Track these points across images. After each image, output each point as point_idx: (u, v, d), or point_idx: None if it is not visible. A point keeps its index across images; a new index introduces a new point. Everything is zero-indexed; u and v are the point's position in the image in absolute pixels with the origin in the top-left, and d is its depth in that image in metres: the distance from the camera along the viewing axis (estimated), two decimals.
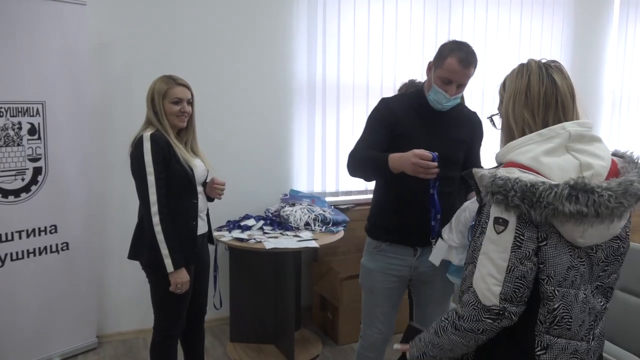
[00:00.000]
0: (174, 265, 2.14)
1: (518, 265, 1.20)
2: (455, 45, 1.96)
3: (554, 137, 1.23)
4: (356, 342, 3.36)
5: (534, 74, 1.30)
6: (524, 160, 1.23)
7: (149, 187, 2.12)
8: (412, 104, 2.10)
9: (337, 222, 3.34)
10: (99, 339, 3.31)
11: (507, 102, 1.33)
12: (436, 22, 4.00)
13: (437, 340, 1.33)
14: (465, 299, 1.27)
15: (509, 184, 1.17)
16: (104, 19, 3.19)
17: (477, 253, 1.26)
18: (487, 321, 1.23)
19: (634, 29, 4.79)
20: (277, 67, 3.62)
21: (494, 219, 1.22)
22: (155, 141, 2.15)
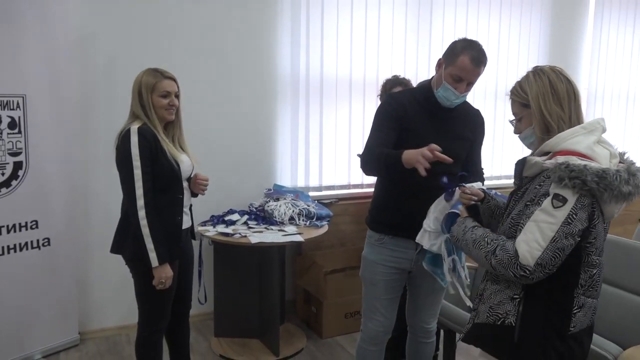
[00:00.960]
0: (159, 259, 2.12)
1: (562, 239, 1.39)
2: (467, 44, 1.98)
3: (595, 131, 1.48)
4: (340, 335, 3.44)
5: (550, 75, 1.54)
6: (581, 149, 1.43)
7: (135, 181, 2.10)
8: (418, 100, 2.12)
9: (321, 217, 3.36)
10: (81, 336, 3.27)
11: (537, 101, 1.53)
12: (418, 17, 4.04)
13: (470, 245, 1.57)
14: (507, 246, 1.46)
15: (584, 170, 1.37)
16: (85, 11, 3.14)
17: (525, 220, 1.44)
18: (511, 273, 1.43)
19: (608, 29, 4.93)
20: (260, 62, 3.61)
21: (554, 195, 1.40)
22: (143, 135, 2.13)
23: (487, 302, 1.57)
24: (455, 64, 1.97)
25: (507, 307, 1.51)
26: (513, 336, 1.49)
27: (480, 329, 1.58)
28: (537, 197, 1.45)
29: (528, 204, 1.47)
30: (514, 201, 1.57)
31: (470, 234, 1.59)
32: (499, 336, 1.52)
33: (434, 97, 2.08)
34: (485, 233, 1.55)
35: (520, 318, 1.49)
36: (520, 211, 1.50)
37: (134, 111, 2.23)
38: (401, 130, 2.07)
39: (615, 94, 5.09)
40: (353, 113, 3.89)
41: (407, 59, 4.04)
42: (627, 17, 5.01)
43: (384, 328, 2.23)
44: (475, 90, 4.24)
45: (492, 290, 1.57)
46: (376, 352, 2.28)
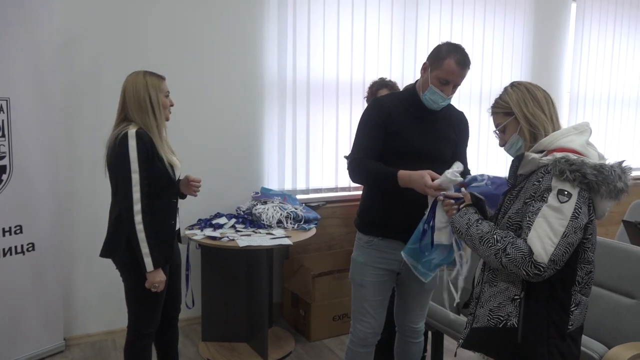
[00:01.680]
0: (154, 264, 2.12)
1: (572, 233, 1.41)
2: (452, 47, 2.02)
3: (585, 132, 1.56)
4: (328, 338, 3.44)
5: (527, 85, 1.62)
6: (576, 146, 1.50)
7: (132, 185, 2.09)
8: (403, 103, 2.15)
9: (309, 220, 3.36)
10: (67, 342, 3.23)
11: (521, 108, 1.59)
12: (404, 20, 4.08)
13: (476, 242, 1.54)
14: (519, 243, 1.45)
15: (584, 164, 1.41)
16: (70, 13, 3.11)
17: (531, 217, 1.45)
18: (523, 272, 1.42)
19: (589, 34, 5.02)
20: (247, 64, 3.61)
21: (559, 191, 1.43)
22: (141, 138, 2.11)
23: (486, 306, 1.56)
24: (441, 68, 2.01)
25: (508, 308, 1.51)
26: (516, 337, 1.48)
27: (481, 333, 1.56)
28: (537, 193, 1.46)
29: (528, 201, 1.49)
30: (509, 200, 1.58)
31: (475, 229, 1.56)
32: (502, 339, 1.51)
33: (418, 100, 2.12)
34: (492, 229, 1.53)
35: (523, 319, 1.48)
36: (518, 210, 1.51)
37: (129, 114, 2.18)
38: (387, 133, 2.10)
39: (597, 98, 5.19)
40: (340, 115, 3.90)
41: (393, 62, 4.07)
42: (607, 23, 5.11)
43: (373, 330, 2.24)
44: (460, 94, 4.34)
45: (491, 293, 1.56)
46: (366, 354, 2.29)
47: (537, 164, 1.51)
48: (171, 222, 2.27)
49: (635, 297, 2.22)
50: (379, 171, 2.04)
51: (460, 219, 1.64)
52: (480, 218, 1.61)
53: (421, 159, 2.04)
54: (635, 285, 2.23)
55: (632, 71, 5.37)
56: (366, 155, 2.10)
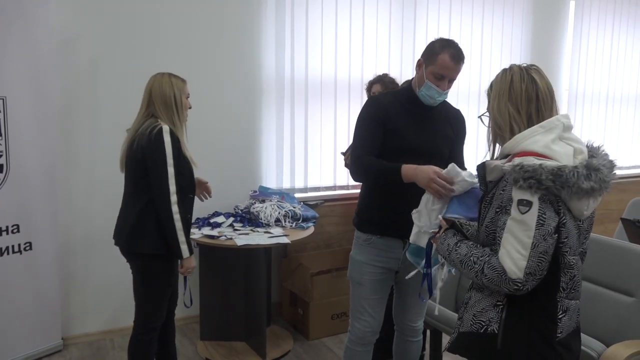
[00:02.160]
0: (190, 251, 2.28)
1: (541, 242, 1.36)
2: (445, 43, 2.05)
3: (554, 129, 1.44)
4: (326, 336, 3.43)
5: (515, 74, 1.50)
6: (537, 148, 1.41)
7: (169, 178, 2.21)
8: (400, 100, 2.16)
9: (307, 218, 3.36)
10: (65, 341, 3.23)
11: (493, 100, 1.51)
12: (402, 18, 4.07)
13: (459, 266, 1.52)
14: (493, 263, 1.41)
15: (539, 169, 1.34)
16: (68, 12, 3.10)
17: (500, 232, 1.41)
18: (505, 289, 1.39)
19: (588, 32, 5.01)
20: (245, 63, 3.60)
21: (518, 201, 1.37)
22: (173, 135, 2.25)
23: (471, 310, 1.54)
24: (436, 63, 2.03)
25: (489, 314, 1.48)
26: (495, 344, 1.45)
27: (465, 337, 1.54)
28: (503, 203, 1.42)
29: (497, 210, 1.44)
30: (484, 207, 1.53)
31: (455, 254, 1.52)
32: (483, 344, 1.48)
33: (415, 97, 2.12)
34: (469, 251, 1.49)
35: (503, 325, 1.45)
36: (492, 218, 1.46)
37: (155, 112, 2.29)
38: (385, 131, 2.11)
39: (596, 94, 5.18)
40: (338, 114, 3.90)
41: (392, 60, 4.06)
42: (605, 21, 5.10)
43: (372, 328, 2.24)
44: (458, 91, 4.32)
45: (477, 298, 1.54)
46: (364, 353, 2.29)
47: (500, 171, 1.45)
48: (188, 215, 2.40)
49: (633, 295, 2.22)
50: (380, 166, 2.05)
51: (442, 245, 1.59)
52: (459, 240, 1.55)
53: (419, 156, 2.04)
54: (634, 283, 2.23)
55: (631, 69, 5.37)
56: (366, 153, 2.10)
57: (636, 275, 2.22)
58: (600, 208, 2.45)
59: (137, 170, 2.27)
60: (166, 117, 2.28)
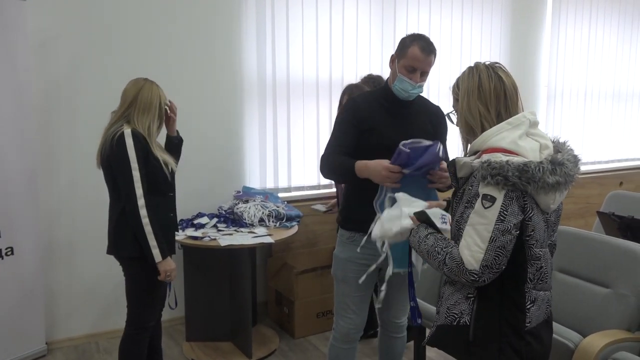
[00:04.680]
0: (162, 254, 2.24)
1: (499, 237, 1.40)
2: (415, 36, 2.11)
3: (520, 125, 1.47)
4: (312, 335, 3.45)
5: (483, 73, 1.54)
6: (505, 145, 1.45)
7: (134, 182, 2.20)
8: (378, 99, 2.20)
9: (291, 218, 3.37)
10: (49, 346, 3.20)
11: (462, 100, 1.55)
12: (382, 17, 4.10)
13: (426, 257, 1.55)
14: (454, 253, 1.46)
15: (505, 166, 1.38)
16: (45, 14, 3.07)
17: (463, 225, 1.46)
18: (463, 279, 1.44)
19: (565, 29, 5.10)
20: (226, 64, 3.60)
21: (483, 196, 1.41)
22: (136, 137, 2.22)
23: (445, 303, 1.57)
24: (406, 56, 2.08)
25: (462, 306, 1.51)
26: (468, 335, 1.49)
27: (440, 330, 1.57)
28: (470, 198, 1.46)
29: (466, 205, 1.48)
30: (455, 203, 1.56)
31: (424, 246, 1.55)
32: (456, 336, 1.52)
33: (392, 95, 2.17)
34: (435, 242, 1.52)
35: (475, 317, 1.49)
36: (462, 213, 1.49)
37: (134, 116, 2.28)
38: (362, 131, 2.15)
39: (574, 90, 5.26)
40: (320, 113, 3.92)
41: (372, 59, 4.08)
42: (583, 16, 5.19)
43: (356, 325, 2.26)
44: (439, 88, 4.36)
45: (450, 292, 1.57)
46: (349, 350, 2.31)
47: (470, 167, 1.49)
48: (170, 215, 2.40)
49: (609, 287, 2.27)
50: (341, 164, 2.11)
51: (414, 238, 1.62)
52: (430, 232, 1.57)
53: None
54: (609, 274, 2.28)
55: (608, 65, 5.46)
56: (334, 151, 2.15)
57: (612, 267, 2.27)
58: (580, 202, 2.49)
59: (108, 176, 2.29)
60: (140, 121, 2.27)
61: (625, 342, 2.09)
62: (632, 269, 2.21)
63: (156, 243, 2.22)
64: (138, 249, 2.24)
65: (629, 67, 5.63)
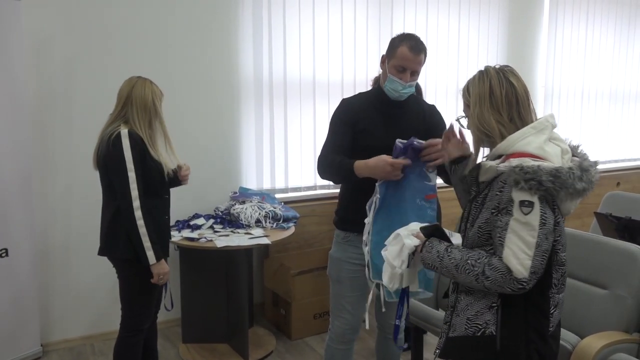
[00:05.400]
0: (156, 257, 2.21)
1: (544, 241, 1.40)
2: (404, 36, 2.10)
3: (544, 130, 1.47)
4: (309, 336, 3.44)
5: (493, 78, 1.52)
6: (532, 150, 1.44)
7: (130, 183, 2.17)
8: (371, 101, 2.20)
9: (288, 219, 3.36)
10: (44, 348, 3.19)
11: (474, 107, 1.52)
12: (379, 18, 4.09)
13: (453, 271, 1.49)
14: (495, 264, 1.42)
15: (538, 171, 1.37)
16: (40, 14, 3.06)
17: (501, 232, 1.42)
18: (508, 289, 1.40)
19: (562, 29, 5.10)
20: (223, 64, 3.59)
21: (520, 202, 1.39)
22: (133, 138, 2.20)
23: (463, 314, 1.53)
24: (395, 56, 2.08)
25: (485, 317, 1.48)
26: (495, 345, 1.46)
27: (458, 342, 1.54)
28: (501, 204, 1.43)
29: (493, 211, 1.45)
30: (475, 208, 1.53)
31: (448, 260, 1.50)
32: (481, 347, 1.49)
33: (384, 95, 2.16)
34: (463, 255, 1.48)
35: (501, 326, 1.46)
36: (487, 219, 1.46)
37: (127, 115, 2.26)
38: (355, 132, 2.15)
39: (571, 91, 5.27)
40: (317, 114, 3.90)
41: (370, 60, 4.07)
42: (580, 16, 5.19)
43: (351, 326, 2.25)
44: (436, 88, 4.35)
45: (468, 302, 1.53)
46: (345, 351, 2.30)
47: (495, 171, 1.47)
48: (165, 217, 2.39)
49: (607, 288, 2.27)
50: (339, 164, 2.08)
51: (429, 254, 1.55)
52: (448, 245, 1.54)
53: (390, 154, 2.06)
54: (607, 276, 2.27)
55: (605, 65, 5.47)
56: (330, 151, 2.14)
57: (609, 268, 2.27)
58: None
59: (104, 177, 2.27)
60: (141, 121, 2.25)
61: (622, 343, 2.09)
62: (630, 270, 2.21)
63: (150, 245, 2.20)
64: (131, 251, 2.21)
65: (625, 68, 5.63)
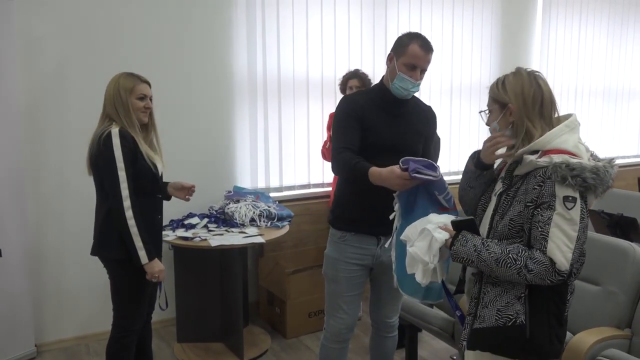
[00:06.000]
0: (149, 256, 2.19)
1: (582, 235, 1.50)
2: (413, 34, 2.11)
3: (575, 128, 1.57)
4: (304, 335, 3.45)
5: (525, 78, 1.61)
6: (569, 147, 1.53)
7: (120, 182, 2.15)
8: (373, 99, 2.18)
9: (282, 217, 3.36)
10: (38, 348, 3.18)
11: (513, 102, 1.59)
12: (373, 15, 4.09)
13: (493, 265, 1.54)
14: (538, 257, 1.49)
15: (583, 168, 1.46)
16: (33, 13, 3.04)
17: (543, 227, 1.48)
18: (548, 281, 1.49)
19: (555, 29, 5.12)
20: (216, 62, 3.58)
21: (564, 198, 1.47)
22: (124, 137, 2.18)
23: (492, 306, 1.59)
24: (406, 54, 2.08)
25: (516, 307, 1.54)
26: (525, 333, 1.53)
27: (488, 333, 1.59)
28: (541, 199, 1.49)
29: (529, 205, 1.51)
30: (506, 201, 1.59)
31: (487, 254, 1.54)
32: (511, 336, 1.55)
33: (389, 95, 2.15)
34: (503, 249, 1.53)
35: (529, 315, 1.54)
36: (520, 212, 1.53)
37: (109, 114, 2.25)
38: (361, 130, 2.13)
39: (564, 89, 5.29)
40: (311, 112, 3.91)
41: (364, 57, 4.08)
42: (573, 14, 5.21)
43: (347, 325, 2.26)
44: (431, 87, 4.36)
45: (496, 293, 1.59)
46: (340, 350, 2.30)
47: (534, 165, 1.53)
48: (158, 217, 2.38)
49: (599, 284, 2.28)
50: (355, 167, 2.02)
51: (464, 247, 1.58)
52: (484, 240, 1.59)
53: (393, 153, 2.05)
54: (599, 272, 2.29)
55: (599, 64, 5.50)
56: (345, 147, 2.10)
57: (601, 265, 2.28)
58: None
59: (96, 177, 2.26)
60: (118, 118, 2.22)
61: (614, 339, 2.11)
62: (621, 267, 2.23)
63: (142, 245, 2.18)
64: (123, 251, 2.19)
65: (618, 67, 5.67)
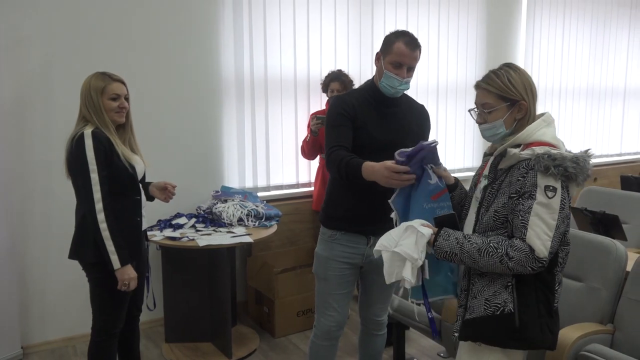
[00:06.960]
0: (121, 261, 2.14)
1: (562, 224, 1.54)
2: (399, 32, 2.12)
3: (551, 123, 1.65)
4: (293, 334, 3.46)
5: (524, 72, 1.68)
6: (549, 139, 1.59)
7: (92, 185, 2.11)
8: (365, 98, 2.19)
9: (270, 217, 3.37)
10: (24, 350, 3.15)
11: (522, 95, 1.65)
12: (360, 16, 4.11)
13: (476, 255, 1.57)
14: (518, 245, 1.53)
15: (564, 158, 1.51)
16: (18, 13, 3.02)
17: (524, 215, 1.52)
18: (529, 268, 1.52)
19: (540, 28, 5.19)
20: (203, 62, 3.58)
21: (545, 187, 1.52)
22: (97, 138, 2.14)
23: (480, 296, 1.62)
24: (392, 52, 2.09)
25: (503, 296, 1.58)
26: (514, 322, 1.56)
27: (479, 322, 1.61)
28: (523, 189, 1.54)
29: (513, 196, 1.56)
30: (490, 194, 1.64)
31: (469, 245, 1.58)
32: (500, 325, 1.58)
33: (378, 93, 2.17)
34: (485, 239, 1.58)
35: (517, 303, 1.57)
36: (504, 204, 1.58)
37: (84, 115, 2.22)
38: (353, 128, 2.14)
39: (549, 89, 5.36)
40: (299, 111, 3.92)
41: (351, 57, 4.10)
42: (557, 15, 5.28)
43: (337, 323, 2.28)
44: (418, 88, 4.39)
45: (483, 284, 1.62)
46: (329, 347, 2.32)
47: (517, 158, 1.58)
48: (137, 219, 2.30)
49: (582, 280, 2.32)
50: (349, 163, 2.01)
51: (447, 241, 1.61)
52: (465, 234, 1.63)
53: (385, 152, 2.05)
54: (582, 268, 2.33)
55: (582, 64, 5.57)
56: (338, 146, 2.10)
57: (584, 261, 2.32)
58: None
59: (72, 179, 2.21)
60: (92, 119, 2.18)
61: (597, 334, 2.15)
62: (604, 263, 2.27)
63: (114, 249, 2.12)
64: (98, 255, 2.15)
65: (601, 67, 5.75)
